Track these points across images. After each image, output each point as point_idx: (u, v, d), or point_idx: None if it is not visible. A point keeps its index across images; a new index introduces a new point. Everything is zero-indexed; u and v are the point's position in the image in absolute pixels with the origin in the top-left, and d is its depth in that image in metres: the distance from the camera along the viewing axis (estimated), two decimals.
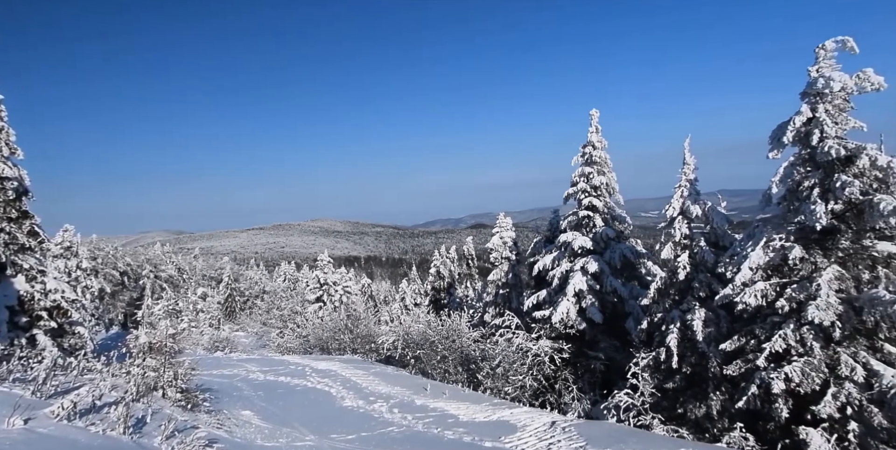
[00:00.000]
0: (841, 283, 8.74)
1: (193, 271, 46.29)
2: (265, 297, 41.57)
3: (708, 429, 10.67)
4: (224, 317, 40.15)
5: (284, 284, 48.76)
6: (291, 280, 51.39)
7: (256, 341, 29.54)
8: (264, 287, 46.86)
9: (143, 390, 7.37)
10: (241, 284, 45.65)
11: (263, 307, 37.18)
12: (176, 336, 8.64)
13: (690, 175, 12.30)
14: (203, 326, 30.09)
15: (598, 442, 7.31)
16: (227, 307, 42.74)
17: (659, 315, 12.19)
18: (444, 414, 9.42)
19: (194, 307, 33.43)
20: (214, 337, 25.54)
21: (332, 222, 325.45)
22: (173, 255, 46.47)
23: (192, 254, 53.92)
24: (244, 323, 37.05)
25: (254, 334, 31.96)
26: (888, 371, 8.11)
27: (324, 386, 11.85)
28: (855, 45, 8.84)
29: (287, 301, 33.82)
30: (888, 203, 8.10)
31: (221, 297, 42.48)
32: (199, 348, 23.01)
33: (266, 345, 26.59)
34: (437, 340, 14.49)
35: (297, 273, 54.13)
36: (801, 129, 9.23)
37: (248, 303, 44.13)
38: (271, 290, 43.74)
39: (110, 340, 27.69)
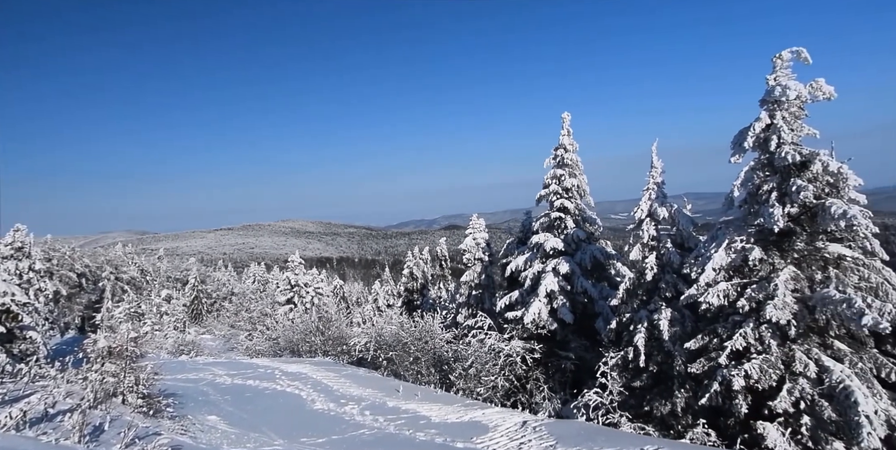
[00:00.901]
0: (796, 283, 9.13)
1: (157, 273, 44.71)
2: (233, 299, 40.53)
3: (673, 426, 10.96)
4: (190, 320, 38.93)
5: (254, 285, 47.63)
6: (261, 282, 50.26)
7: (224, 344, 28.76)
8: (233, 289, 45.66)
9: (101, 397, 7.06)
10: (208, 286, 44.35)
11: (231, 309, 36.23)
12: (138, 340, 8.32)
13: (658, 178, 12.63)
14: (167, 330, 29.09)
15: (567, 441, 7.42)
16: (193, 310, 41.45)
17: (627, 315, 12.46)
18: (417, 415, 9.39)
19: (158, 310, 32.29)
20: (179, 340, 24.73)
21: (303, 223, 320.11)
22: (136, 256, 44.72)
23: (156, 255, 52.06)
24: (211, 326, 36.02)
25: (221, 337, 31.11)
26: (837, 367, 8.53)
27: (294, 389, 11.64)
28: (808, 56, 9.28)
29: (256, 303, 33.05)
30: (838, 207, 8.52)
31: (187, 299, 41.17)
32: (163, 352, 22.23)
33: (234, 348, 25.92)
34: (410, 341, 14.43)
35: (267, 274, 52.98)
36: (761, 135, 9.62)
37: (215, 305, 42.91)
38: (240, 291, 42.66)
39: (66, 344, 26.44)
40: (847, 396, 8.13)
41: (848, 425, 8.17)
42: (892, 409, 8.43)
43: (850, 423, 8.06)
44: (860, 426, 7.86)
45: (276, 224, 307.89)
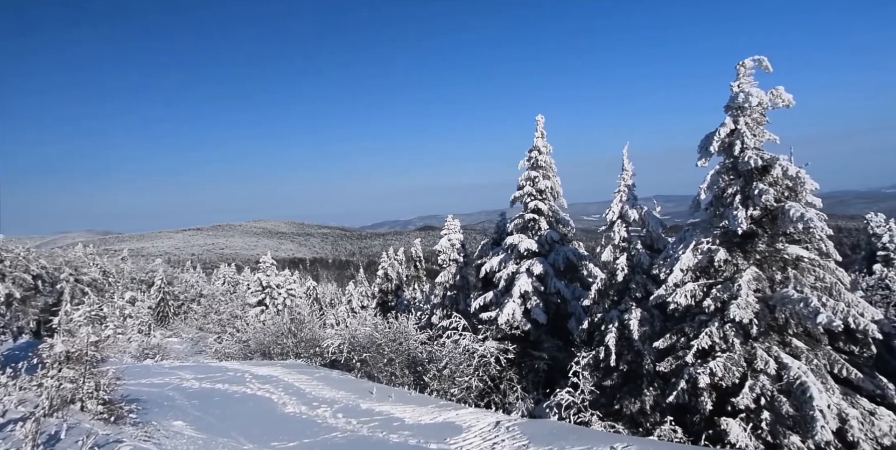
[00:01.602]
0: (758, 283, 9.48)
1: (121, 274, 43.10)
2: (202, 300, 39.44)
3: (641, 423, 11.21)
4: (156, 322, 37.68)
5: (224, 287, 46.47)
6: (231, 283, 49.08)
7: (192, 348, 27.97)
8: (201, 290, 44.45)
9: (57, 404, 6.75)
10: (175, 288, 43.05)
11: (200, 312, 35.26)
12: (99, 344, 8.01)
13: (629, 181, 12.92)
14: (131, 333, 28.08)
15: (540, 440, 7.50)
16: (159, 312, 40.15)
17: (599, 315, 12.70)
18: (390, 417, 9.33)
19: (121, 313, 31.10)
20: (144, 344, 23.89)
21: (275, 223, 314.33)
22: (97, 256, 42.97)
23: (119, 255, 50.18)
24: (178, 329, 34.97)
25: (189, 340, 30.24)
26: (795, 363, 8.89)
27: (264, 392, 11.40)
28: (769, 65, 9.67)
29: (226, 305, 32.24)
30: (797, 210, 8.90)
31: (153, 301, 39.86)
32: (127, 356, 21.44)
33: (202, 351, 25.23)
34: (384, 342, 14.33)
35: (238, 276, 51.79)
36: (725, 140, 9.96)
37: (182, 307, 41.68)
38: (209, 293, 41.54)
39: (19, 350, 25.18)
40: (803, 391, 8.48)
41: (804, 419, 8.51)
42: (844, 403, 8.83)
43: (806, 417, 8.41)
44: (815, 420, 8.21)
45: (247, 224, 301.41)
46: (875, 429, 8.74)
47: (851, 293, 9.19)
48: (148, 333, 31.19)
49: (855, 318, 8.52)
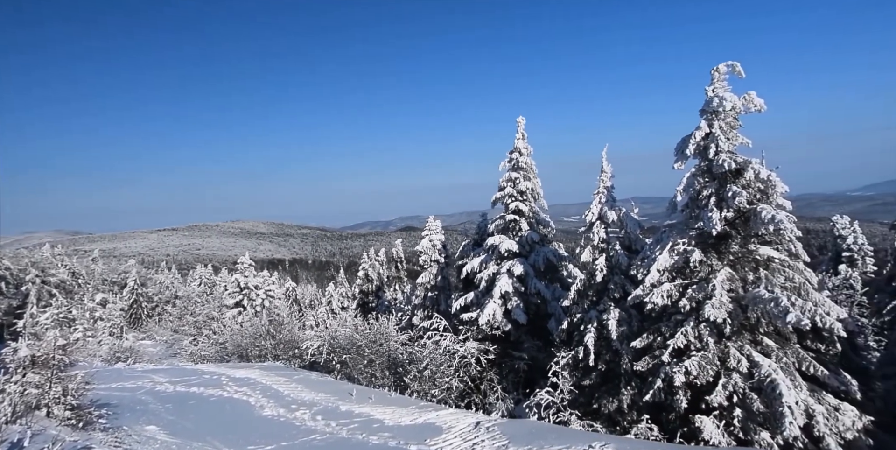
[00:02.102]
0: (731, 283, 9.72)
1: (92, 275, 41.81)
2: (177, 302, 38.55)
3: (619, 422, 11.37)
4: (128, 325, 36.67)
5: (200, 288, 45.51)
6: (208, 284, 48.11)
7: (166, 350, 27.30)
8: (176, 292, 43.42)
9: (21, 410, 6.51)
10: (149, 289, 41.95)
11: (175, 313, 34.45)
12: (67, 347, 7.74)
13: (608, 182, 13.11)
14: (102, 336, 27.27)
15: (519, 440, 7.55)
16: (131, 314, 39.08)
17: (578, 315, 12.84)
18: (370, 419, 9.27)
19: (91, 315, 30.20)
20: (116, 347, 23.23)
21: (254, 224, 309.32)
22: (66, 257, 41.61)
23: (90, 256, 48.68)
24: (152, 331, 34.09)
25: (163, 343, 29.50)
26: (766, 361, 9.14)
27: (242, 395, 11.21)
28: (742, 70, 9.95)
29: (202, 306, 31.59)
30: (768, 212, 9.16)
31: (125, 303, 38.77)
32: (97, 360, 20.81)
33: (177, 354, 24.65)
34: (365, 344, 14.24)
35: (215, 277, 50.81)
36: (701, 143, 10.19)
37: (157, 309, 40.65)
38: (184, 295, 40.62)
39: None
40: (773, 388, 8.73)
41: (773, 416, 8.76)
42: (811, 399, 9.12)
43: (776, 413, 8.66)
44: (784, 416, 8.46)
45: (224, 225, 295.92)
46: (839, 424, 9.05)
47: (819, 293, 9.51)
48: (120, 336, 30.32)
49: (822, 317, 8.81)
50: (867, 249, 24.02)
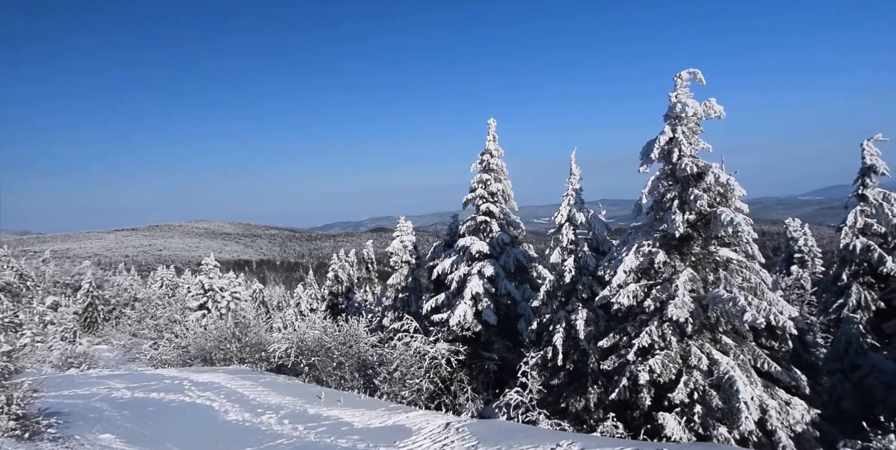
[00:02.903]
0: (693, 284, 10.08)
1: (42, 278, 39.73)
2: (137, 305, 37.02)
3: (586, 420, 11.61)
4: (82, 329, 35.01)
5: (161, 290, 43.82)
6: (170, 286, 46.38)
7: (124, 355, 26.18)
8: (136, 294, 41.74)
9: None
10: (105, 292, 40.17)
11: (134, 317, 33.08)
12: (12, 354, 7.32)
13: (576, 185, 13.37)
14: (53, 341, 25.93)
15: (488, 440, 7.60)
16: (86, 318, 37.33)
17: (547, 316, 13.04)
18: (339, 422, 9.15)
19: (41, 319, 28.69)
20: (68, 352, 22.11)
21: (220, 224, 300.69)
22: (13, 258, 39.39)
23: (40, 257, 46.23)
24: (109, 335, 32.64)
25: (121, 347, 28.28)
26: (724, 359, 9.52)
27: (205, 400, 10.86)
28: (703, 78, 10.34)
29: (164, 309, 30.42)
30: (727, 215, 9.55)
31: (80, 306, 37.01)
32: (47, 367, 19.76)
33: (136, 359, 23.68)
34: (334, 346, 14.03)
35: (178, 278, 49.03)
36: (665, 147, 10.53)
37: (114, 312, 38.96)
38: (144, 297, 39.06)
39: None
40: (731, 385, 9.10)
41: (731, 411, 9.13)
42: (765, 395, 9.55)
43: (733, 409, 9.02)
44: (740, 412, 8.82)
45: (188, 225, 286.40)
46: (790, 418, 9.51)
47: (773, 293, 9.96)
48: (73, 341, 28.91)
49: (775, 316, 9.24)
50: (816, 251, 25.34)
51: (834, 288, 16.75)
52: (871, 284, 15.79)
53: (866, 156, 15.62)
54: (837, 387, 13.59)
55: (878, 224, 15.74)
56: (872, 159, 15.56)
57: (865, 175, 15.76)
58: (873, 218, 15.79)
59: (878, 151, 15.57)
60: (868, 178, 15.74)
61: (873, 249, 15.42)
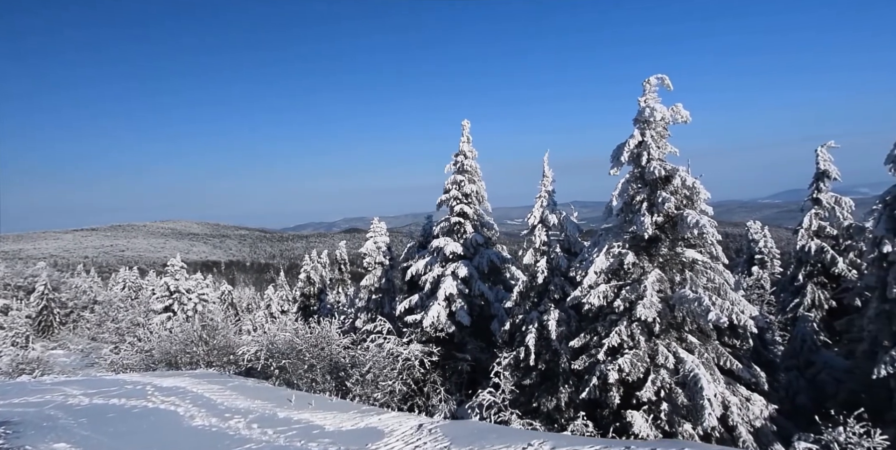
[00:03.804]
0: (661, 284, 10.36)
1: None
2: (97, 308, 35.54)
3: (557, 420, 11.77)
4: (36, 334, 33.39)
5: (124, 292, 42.20)
6: (133, 288, 44.73)
7: (82, 360, 25.12)
8: (95, 297, 40.07)
9: None
10: (62, 294, 38.43)
11: (94, 320, 31.77)
12: None
13: (549, 187, 13.56)
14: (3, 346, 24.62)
15: (461, 441, 7.62)
16: (40, 322, 35.62)
17: (520, 317, 13.16)
18: (310, 425, 9.00)
19: None
20: (20, 358, 21.05)
21: (187, 224, 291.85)
22: None
23: None
24: (65, 340, 31.26)
25: (79, 352, 27.13)
26: (689, 358, 9.82)
27: (169, 405, 10.51)
28: (670, 83, 10.66)
29: (126, 312, 29.33)
30: (693, 217, 9.86)
31: (33, 309, 35.30)
32: None
33: (95, 363, 22.76)
34: (305, 348, 13.82)
35: (142, 280, 47.33)
36: (634, 150, 10.80)
37: (71, 316, 37.32)
38: (105, 299, 37.53)
39: None
40: (696, 382, 9.39)
41: (695, 408, 9.42)
42: (727, 392, 9.90)
43: (697, 406, 9.31)
44: (704, 408, 9.11)
45: (153, 224, 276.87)
46: (750, 413, 9.88)
47: (735, 293, 10.33)
48: (25, 346, 27.52)
49: (737, 315, 9.59)
50: (775, 252, 26.45)
51: (791, 288, 17.53)
52: (825, 284, 16.61)
53: (820, 162, 16.43)
54: (793, 383, 14.21)
55: (831, 227, 16.57)
56: (826, 165, 16.38)
57: (819, 180, 16.58)
58: (826, 221, 16.61)
59: (830, 157, 16.41)
60: (822, 182, 16.57)
61: (826, 250, 16.21)
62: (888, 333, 10.62)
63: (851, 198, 16.47)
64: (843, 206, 16.24)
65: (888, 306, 10.68)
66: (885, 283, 10.69)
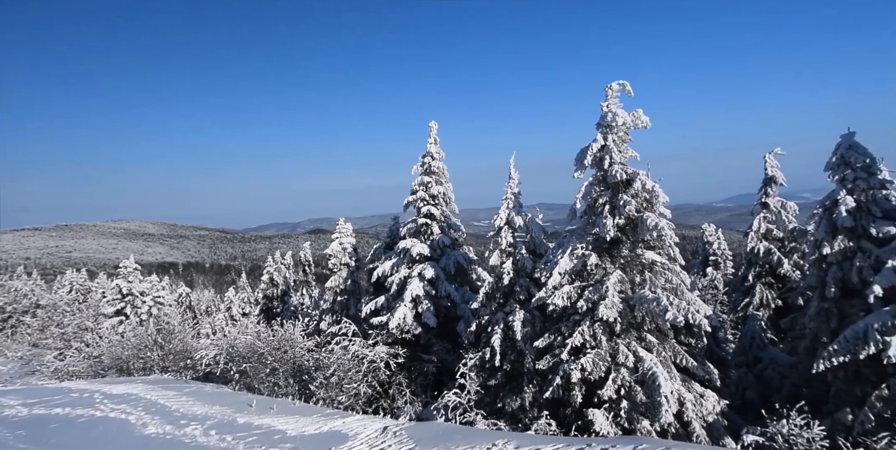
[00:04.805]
0: (622, 285, 10.66)
1: None
2: (39, 312, 33.45)
3: (521, 419, 11.90)
4: None
5: (70, 295, 39.88)
6: (81, 291, 42.34)
7: (21, 368, 23.54)
8: (38, 300, 37.70)
9: None
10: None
11: (36, 325, 29.89)
12: None
13: (515, 189, 13.73)
14: None
15: (426, 443, 7.60)
16: None
17: (486, 317, 13.26)
18: (271, 430, 8.77)
19: None
20: None
21: (141, 224, 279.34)
22: None
23: None
24: (2, 346, 29.27)
25: (17, 360, 25.43)
26: (648, 356, 10.15)
27: (119, 413, 10.02)
28: (631, 89, 11.01)
29: (73, 316, 27.74)
30: (653, 219, 10.21)
31: None
32: None
33: (36, 371, 21.39)
34: (267, 351, 13.46)
35: (91, 282, 44.88)
36: (597, 154, 11.09)
37: (9, 321, 35.00)
38: (49, 303, 35.33)
39: None
40: (654, 380, 9.71)
41: (653, 405, 9.73)
42: (682, 389, 10.28)
43: (655, 403, 9.62)
44: (661, 405, 9.43)
45: (104, 225, 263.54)
46: (703, 409, 10.30)
47: (691, 293, 10.75)
48: None
49: (693, 314, 9.98)
50: (728, 254, 27.75)
51: (742, 288, 18.42)
52: (772, 284, 17.54)
53: (768, 167, 17.37)
54: (743, 379, 14.91)
55: (778, 229, 17.54)
56: (773, 171, 17.33)
57: (767, 185, 17.53)
58: (773, 224, 17.56)
59: (777, 164, 17.38)
60: (769, 187, 17.52)
61: (773, 252, 17.13)
62: (827, 331, 11.30)
63: (796, 202, 17.51)
64: (788, 210, 17.21)
65: (827, 305, 11.37)
66: (824, 283, 11.36)
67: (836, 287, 11.04)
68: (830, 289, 11.06)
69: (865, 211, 10.76)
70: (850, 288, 10.92)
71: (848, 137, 11.17)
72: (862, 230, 10.79)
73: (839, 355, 9.70)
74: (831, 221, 11.20)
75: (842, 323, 10.94)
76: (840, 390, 10.67)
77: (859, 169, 10.92)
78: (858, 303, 10.56)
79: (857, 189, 10.85)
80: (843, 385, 10.58)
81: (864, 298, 9.78)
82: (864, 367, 9.97)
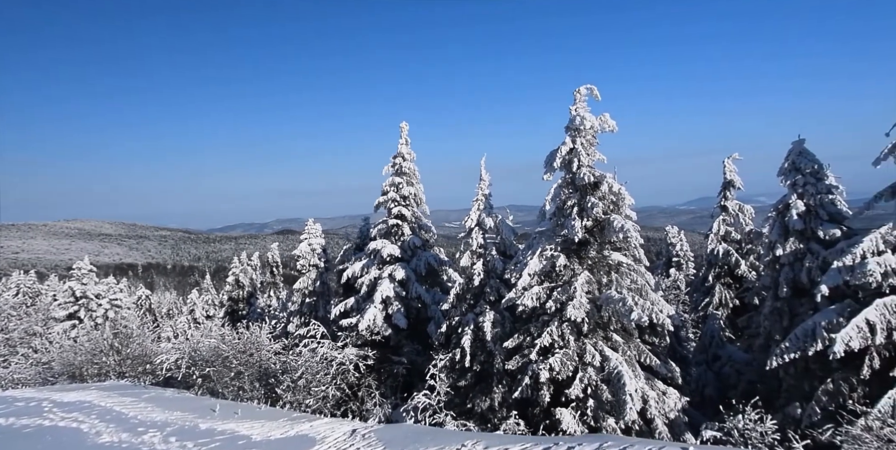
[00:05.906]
0: (590, 285, 10.88)
1: None
2: None
3: (490, 419, 11.98)
4: None
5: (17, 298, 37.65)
6: (30, 294, 40.06)
7: None
8: None
9: None
10: None
11: None
12: None
13: (486, 190, 13.83)
14: None
15: (395, 444, 7.54)
16: None
17: (456, 319, 13.29)
18: (235, 436, 8.51)
19: None
20: None
21: (97, 223, 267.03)
22: None
23: None
24: None
25: None
26: (614, 355, 10.39)
27: (70, 422, 9.51)
28: (598, 93, 11.28)
29: (19, 321, 26.22)
30: (619, 221, 10.47)
31: None
32: None
33: None
34: (232, 355, 13.07)
35: (40, 285, 42.55)
36: (566, 157, 11.29)
37: None
38: None
39: None
40: (619, 379, 9.95)
41: (618, 403, 9.97)
42: (646, 387, 10.58)
43: (620, 401, 9.86)
44: (625, 403, 9.68)
45: (56, 224, 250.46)
46: (665, 406, 10.63)
47: (655, 293, 11.08)
48: None
49: (657, 314, 10.28)
50: (690, 255, 28.78)
51: (702, 288, 19.13)
52: (730, 284, 18.28)
53: (727, 172, 18.12)
54: (702, 376, 15.46)
55: (736, 232, 18.30)
56: (731, 175, 18.09)
57: (726, 189, 18.28)
58: (732, 226, 18.32)
59: (735, 168, 18.15)
60: (728, 191, 18.28)
61: (731, 253, 17.86)
62: (779, 329, 11.85)
63: (752, 205, 18.33)
64: (745, 213, 17.98)
65: (780, 304, 11.93)
66: (777, 283, 11.92)
67: (788, 287, 11.59)
68: (783, 289, 11.60)
69: (814, 214, 11.35)
70: (801, 288, 11.49)
71: (798, 143, 11.77)
72: (811, 233, 11.38)
73: (790, 352, 10.18)
74: (784, 224, 11.76)
75: (793, 321, 11.49)
76: (790, 386, 11.20)
77: (808, 174, 11.52)
78: (808, 302, 11.12)
79: (806, 193, 11.44)
80: (793, 381, 11.11)
81: (813, 297, 10.30)
82: (812, 363, 10.50)
